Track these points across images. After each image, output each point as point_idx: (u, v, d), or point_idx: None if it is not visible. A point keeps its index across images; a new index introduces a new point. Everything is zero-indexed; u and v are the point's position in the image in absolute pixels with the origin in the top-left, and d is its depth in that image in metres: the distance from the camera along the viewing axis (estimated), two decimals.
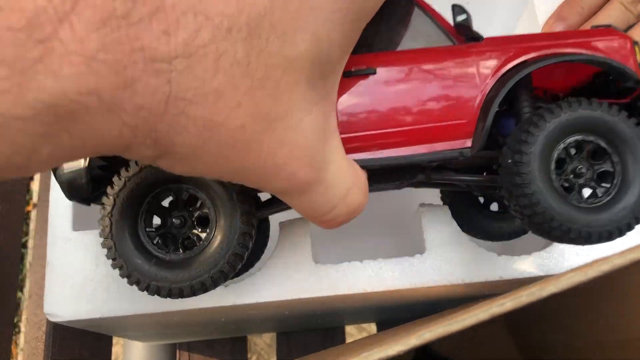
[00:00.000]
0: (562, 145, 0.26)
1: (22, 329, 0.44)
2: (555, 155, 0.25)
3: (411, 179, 0.29)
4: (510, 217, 0.36)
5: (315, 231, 0.37)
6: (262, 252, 0.36)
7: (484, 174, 0.33)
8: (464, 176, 0.30)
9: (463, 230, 0.36)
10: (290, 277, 0.35)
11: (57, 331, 0.43)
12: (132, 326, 0.41)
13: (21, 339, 0.44)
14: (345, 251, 0.41)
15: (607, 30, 0.28)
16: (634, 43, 0.28)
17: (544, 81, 0.30)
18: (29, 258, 0.48)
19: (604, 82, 0.29)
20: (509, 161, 0.25)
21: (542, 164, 0.25)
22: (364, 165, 0.25)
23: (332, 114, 0.21)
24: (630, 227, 0.25)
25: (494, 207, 0.37)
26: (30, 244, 0.48)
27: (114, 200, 0.26)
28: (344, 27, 0.19)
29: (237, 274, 0.34)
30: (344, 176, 0.22)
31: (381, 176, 0.28)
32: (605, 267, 0.19)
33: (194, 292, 0.27)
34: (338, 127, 0.24)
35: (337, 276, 0.35)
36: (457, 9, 0.27)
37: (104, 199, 0.27)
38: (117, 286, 0.36)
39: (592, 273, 0.19)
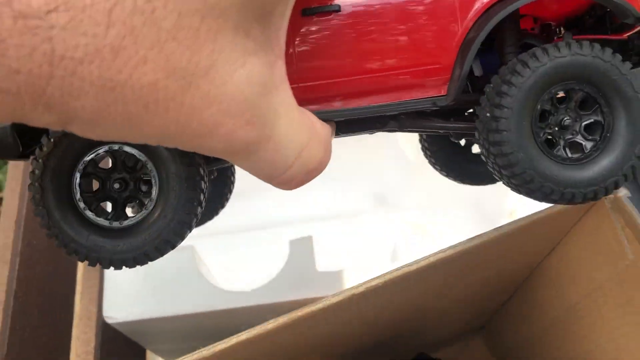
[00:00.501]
0: (547, 96, 0.23)
1: (73, 345, 0.52)
2: (539, 107, 0.23)
3: (382, 128, 0.27)
4: None
5: (318, 244, 0.47)
6: (227, 199, 0.34)
7: (464, 115, 0.30)
8: (439, 122, 0.27)
9: (442, 174, 0.35)
10: (301, 282, 0.45)
11: (103, 347, 0.51)
12: (168, 333, 0.50)
13: (72, 352, 0.52)
14: (341, 260, 0.50)
15: None
16: None
17: (534, 8, 0.26)
18: (78, 286, 0.57)
19: (600, 14, 0.26)
20: (487, 114, 0.23)
21: (524, 118, 0.22)
22: (325, 118, 0.23)
23: (277, 62, 0.18)
24: (617, 185, 0.23)
25: (476, 149, 0.34)
26: (79, 273, 0.57)
27: (44, 164, 0.24)
28: None
29: (199, 223, 0.32)
30: (297, 132, 0.20)
31: (348, 126, 0.26)
32: (502, 230, 0.30)
33: (137, 262, 0.25)
34: (293, 74, 0.22)
35: (336, 279, 0.45)
36: None
37: (33, 163, 0.24)
38: (161, 293, 0.45)
39: (492, 234, 0.30)
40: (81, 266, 0.56)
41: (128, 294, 0.45)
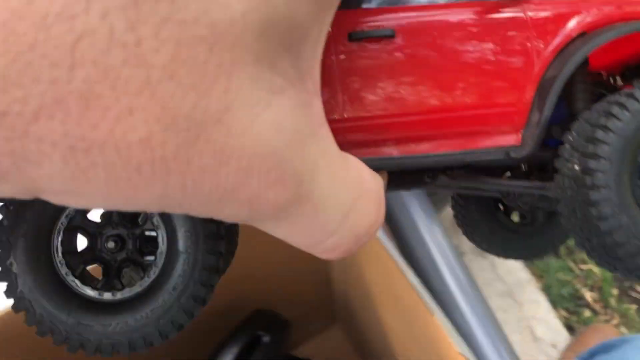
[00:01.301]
0: None
1: None
2: (639, 159, 0.19)
3: (431, 183, 0.22)
4: (538, 229, 0.27)
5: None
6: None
7: (508, 173, 0.25)
8: (501, 181, 0.22)
9: (482, 248, 0.30)
10: None
11: None
12: None
13: None
14: None
15: None
16: None
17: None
18: None
19: None
20: (576, 167, 0.19)
21: (624, 172, 0.18)
22: (376, 167, 0.18)
23: (313, 101, 0.15)
24: None
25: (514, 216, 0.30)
26: None
27: (17, 213, 0.18)
28: None
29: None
30: (342, 189, 0.16)
31: (399, 179, 0.21)
32: None
33: (132, 348, 0.19)
34: (337, 110, 0.18)
35: None
36: None
37: (2, 210, 0.19)
38: None
39: None
40: None
41: None
